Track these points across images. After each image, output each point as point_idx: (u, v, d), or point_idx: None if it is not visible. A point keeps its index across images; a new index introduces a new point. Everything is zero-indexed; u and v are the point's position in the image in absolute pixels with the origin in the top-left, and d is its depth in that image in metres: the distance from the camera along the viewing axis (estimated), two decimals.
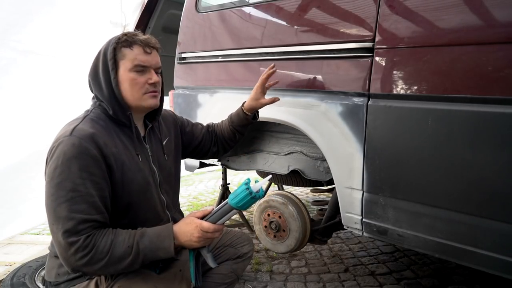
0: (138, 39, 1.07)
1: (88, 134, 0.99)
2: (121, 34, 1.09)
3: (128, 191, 1.05)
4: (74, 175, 0.94)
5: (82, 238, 0.92)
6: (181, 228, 1.03)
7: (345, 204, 1.40)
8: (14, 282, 1.72)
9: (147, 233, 1.00)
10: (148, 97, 1.10)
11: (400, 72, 1.21)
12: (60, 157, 0.95)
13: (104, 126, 1.06)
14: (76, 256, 0.92)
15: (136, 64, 1.06)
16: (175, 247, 1.01)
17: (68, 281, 1.06)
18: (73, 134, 0.97)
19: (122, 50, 1.06)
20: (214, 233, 1.04)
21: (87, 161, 0.96)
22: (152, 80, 1.09)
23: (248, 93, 1.66)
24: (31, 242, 2.47)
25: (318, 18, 1.47)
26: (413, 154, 1.19)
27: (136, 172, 1.08)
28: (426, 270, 2.07)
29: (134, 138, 1.12)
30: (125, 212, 1.06)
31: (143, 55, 1.07)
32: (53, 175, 0.95)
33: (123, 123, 1.10)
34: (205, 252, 1.09)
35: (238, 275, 1.31)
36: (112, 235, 0.97)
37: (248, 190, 0.98)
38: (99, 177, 0.98)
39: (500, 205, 1.04)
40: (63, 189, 0.93)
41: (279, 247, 1.78)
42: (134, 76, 1.07)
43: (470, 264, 1.12)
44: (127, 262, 0.96)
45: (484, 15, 1.07)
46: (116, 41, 1.07)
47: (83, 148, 0.96)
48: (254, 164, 2.03)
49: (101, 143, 1.00)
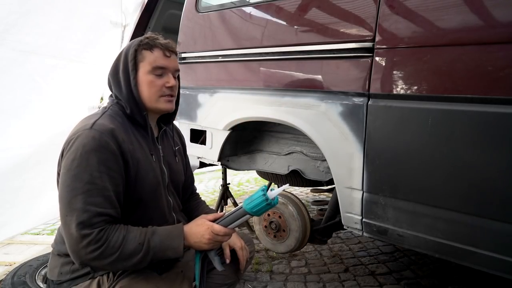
0: (159, 43, 1.10)
1: (109, 129, 1.00)
2: (143, 36, 1.12)
3: (139, 189, 1.06)
4: (92, 168, 0.95)
5: (96, 231, 0.92)
6: (192, 229, 1.05)
7: (345, 204, 1.40)
8: (15, 281, 1.71)
9: (158, 232, 1.01)
10: (164, 100, 1.12)
11: (400, 72, 1.21)
12: (79, 149, 0.96)
13: (122, 123, 1.08)
14: (87, 249, 0.92)
15: (155, 67, 1.09)
16: (184, 248, 1.02)
17: (70, 280, 1.06)
18: (93, 128, 0.98)
19: (142, 52, 1.09)
20: (224, 237, 1.05)
21: (106, 155, 0.97)
22: (170, 83, 1.11)
23: (248, 93, 1.66)
24: (31, 242, 2.47)
25: (318, 18, 1.47)
26: (413, 154, 1.19)
27: (149, 170, 1.09)
28: (426, 270, 2.07)
29: (148, 138, 1.14)
30: (133, 209, 1.07)
31: (163, 58, 1.10)
32: (71, 166, 0.95)
33: (139, 122, 1.12)
34: (212, 255, 1.09)
35: (239, 276, 1.31)
36: (125, 231, 0.97)
37: (265, 197, 0.99)
38: (116, 172, 0.99)
39: (500, 205, 1.04)
40: (80, 181, 0.94)
41: (279, 247, 1.78)
42: (152, 78, 1.09)
43: (470, 264, 1.12)
44: (137, 259, 0.97)
45: (484, 15, 1.07)
46: (138, 43, 1.09)
47: (103, 142, 0.97)
48: (254, 164, 2.03)
49: (120, 139, 1.01)
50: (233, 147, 1.99)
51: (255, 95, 1.70)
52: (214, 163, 2.08)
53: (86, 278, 1.05)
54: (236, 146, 2.00)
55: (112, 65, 1.14)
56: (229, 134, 1.86)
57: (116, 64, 1.13)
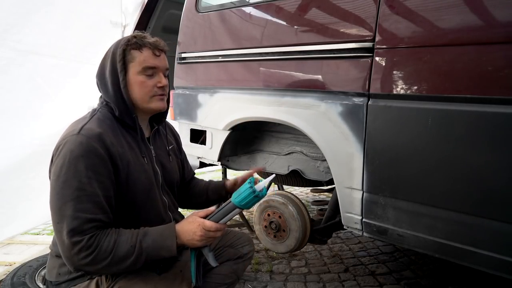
0: (147, 42, 1.07)
1: (96, 133, 0.99)
2: (130, 36, 1.09)
3: (132, 191, 1.05)
4: (81, 174, 0.94)
5: (86, 238, 0.92)
6: (184, 227, 1.04)
7: (345, 204, 1.40)
8: (14, 282, 1.72)
9: (150, 232, 1.01)
10: (156, 99, 1.11)
11: (400, 72, 1.21)
12: (67, 155, 0.95)
13: (111, 126, 1.06)
14: (79, 256, 0.92)
15: (145, 67, 1.06)
16: (177, 246, 1.01)
17: (69, 280, 1.06)
18: (80, 133, 0.97)
19: (131, 52, 1.06)
20: (216, 232, 1.04)
21: (94, 160, 0.96)
22: (161, 83, 1.10)
23: (248, 93, 1.67)
24: (31, 242, 2.47)
25: (318, 18, 1.47)
26: (413, 154, 1.19)
27: (141, 172, 1.08)
28: (426, 270, 2.07)
29: (139, 139, 1.13)
30: (128, 212, 1.07)
31: (153, 57, 1.07)
32: (59, 173, 0.95)
33: (128, 124, 1.11)
34: (206, 251, 1.09)
35: (238, 276, 1.31)
36: (116, 234, 0.97)
37: (252, 189, 0.99)
38: (105, 177, 0.98)
39: (500, 205, 1.04)
40: (69, 188, 0.93)
41: (279, 247, 1.78)
42: (143, 79, 1.07)
43: (470, 264, 1.12)
44: (130, 262, 0.96)
45: (484, 15, 1.07)
46: (126, 42, 1.06)
47: (90, 147, 0.96)
48: (254, 164, 2.03)
49: (108, 143, 1.00)
50: (233, 147, 1.99)
51: (255, 95, 1.70)
52: (214, 163, 2.08)
53: (84, 279, 1.05)
54: (236, 146, 2.00)
55: (99, 67, 1.11)
56: (229, 134, 1.86)
57: (102, 65, 1.10)
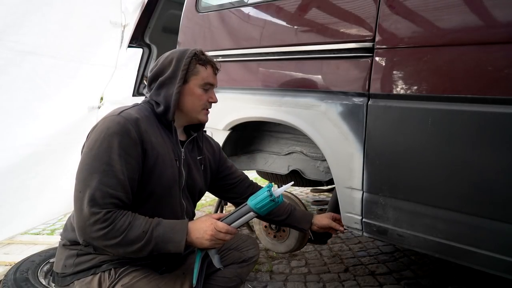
0: (210, 60, 1.20)
1: (134, 118, 1.05)
2: (194, 50, 1.17)
3: (154, 182, 1.08)
4: (112, 150, 0.99)
5: (104, 211, 0.95)
6: (196, 225, 1.06)
7: (345, 204, 1.40)
8: (17, 277, 1.71)
9: (163, 223, 1.03)
10: (204, 113, 1.22)
11: (400, 72, 1.21)
12: (104, 131, 1.01)
13: (149, 117, 1.12)
14: (93, 227, 0.95)
15: (206, 83, 1.18)
16: (186, 245, 1.03)
17: (73, 274, 1.08)
18: (120, 115, 1.05)
19: (197, 66, 1.16)
20: (226, 235, 1.06)
21: (127, 141, 1.01)
22: (213, 100, 1.21)
23: (248, 93, 1.66)
24: (31, 242, 2.47)
25: (318, 18, 1.47)
26: (413, 154, 1.19)
27: (168, 167, 1.12)
28: (426, 270, 2.07)
29: (173, 138, 1.16)
30: (145, 200, 1.09)
31: (213, 76, 1.20)
32: (93, 146, 1.00)
33: (165, 123, 1.16)
34: (213, 253, 1.10)
35: (242, 279, 1.30)
36: (131, 217, 1.00)
37: (269, 193, 0.98)
38: (134, 159, 1.03)
39: (500, 205, 1.04)
40: (99, 161, 0.98)
41: (279, 247, 1.78)
42: (201, 92, 1.18)
43: (470, 264, 1.12)
44: (137, 247, 0.98)
45: (484, 15, 1.07)
46: (193, 55, 1.15)
47: (126, 127, 1.02)
48: (254, 164, 2.03)
49: (143, 129, 1.05)
50: (233, 147, 1.99)
51: (255, 95, 1.70)
52: None
53: (88, 273, 1.07)
54: (236, 146, 2.00)
55: (159, 66, 1.16)
56: (229, 134, 1.86)
57: (162, 67, 1.15)
